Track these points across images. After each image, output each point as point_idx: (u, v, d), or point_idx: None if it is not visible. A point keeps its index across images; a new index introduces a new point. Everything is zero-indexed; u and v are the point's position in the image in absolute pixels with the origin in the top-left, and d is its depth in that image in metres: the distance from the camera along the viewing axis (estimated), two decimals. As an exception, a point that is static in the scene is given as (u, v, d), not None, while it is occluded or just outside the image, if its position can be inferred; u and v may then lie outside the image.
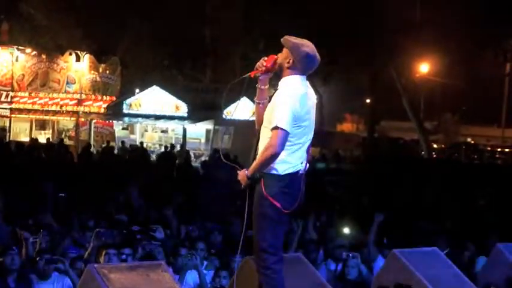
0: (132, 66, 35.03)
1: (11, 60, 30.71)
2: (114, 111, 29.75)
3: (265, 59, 5.00)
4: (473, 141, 46.69)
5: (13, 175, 14.43)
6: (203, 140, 30.59)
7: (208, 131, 30.07)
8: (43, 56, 30.66)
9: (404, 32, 28.49)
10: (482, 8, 26.69)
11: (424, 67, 35.28)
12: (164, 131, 31.28)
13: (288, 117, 4.74)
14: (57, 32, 34.00)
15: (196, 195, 13.25)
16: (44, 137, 29.50)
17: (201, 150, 29.91)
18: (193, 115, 28.78)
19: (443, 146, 43.84)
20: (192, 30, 33.35)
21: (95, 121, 30.51)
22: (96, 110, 30.10)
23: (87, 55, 30.08)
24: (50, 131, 31.17)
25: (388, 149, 35.42)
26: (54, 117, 30.76)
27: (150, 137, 31.30)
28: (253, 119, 5.16)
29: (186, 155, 24.66)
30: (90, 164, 20.72)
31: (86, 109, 30.00)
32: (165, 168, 20.86)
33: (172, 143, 28.27)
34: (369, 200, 14.18)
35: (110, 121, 30.75)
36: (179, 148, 27.53)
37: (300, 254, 6.33)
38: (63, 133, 30.85)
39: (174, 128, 30.56)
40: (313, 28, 25.04)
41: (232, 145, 27.20)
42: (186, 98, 29.36)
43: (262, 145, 4.87)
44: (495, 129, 49.67)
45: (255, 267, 5.06)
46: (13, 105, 30.74)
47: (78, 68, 29.92)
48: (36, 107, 30.41)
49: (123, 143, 28.12)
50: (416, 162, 26.74)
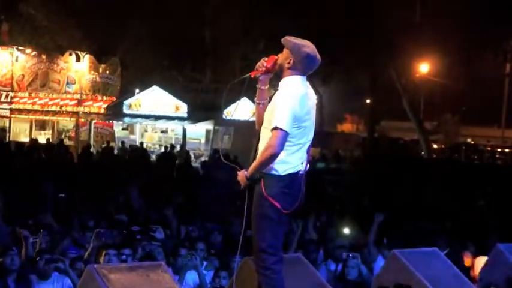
0: (132, 67, 35.03)
1: (11, 60, 30.71)
2: (114, 112, 29.75)
3: (266, 59, 4.99)
4: (473, 142, 46.70)
5: (13, 175, 14.43)
6: (203, 141, 30.57)
7: (208, 131, 30.05)
8: (43, 57, 30.66)
9: (404, 33, 28.47)
10: (482, 9, 26.68)
11: (424, 67, 35.23)
12: (164, 131, 31.26)
13: (288, 118, 4.73)
14: (57, 33, 34.02)
15: (196, 196, 13.25)
16: (44, 137, 29.48)
17: (201, 150, 29.89)
18: (193, 115, 28.77)
19: (443, 146, 43.86)
20: (192, 31, 33.34)
21: (94, 121, 30.51)
22: (96, 110, 30.11)
23: (87, 55, 30.08)
24: (50, 132, 31.17)
25: (388, 149, 35.40)
26: (54, 118, 30.76)
27: (150, 137, 31.29)
28: (253, 119, 5.16)
29: (186, 155, 24.64)
30: (90, 165, 20.71)
31: (85, 109, 30.01)
32: (165, 168, 20.86)
33: (172, 143, 28.24)
34: (368, 200, 14.18)
35: (110, 121, 30.75)
36: (179, 148, 27.52)
37: (300, 255, 6.33)
38: (63, 133, 30.84)
39: (174, 128, 30.54)
40: (313, 28, 25.05)
41: (232, 145, 27.18)
42: (186, 98, 29.35)
43: (262, 145, 4.86)
44: (495, 129, 49.68)
45: (255, 268, 5.05)
46: (13, 106, 30.75)
47: (78, 69, 29.92)
48: (36, 108, 30.42)
49: (123, 143, 28.11)
50: (416, 163, 26.72)
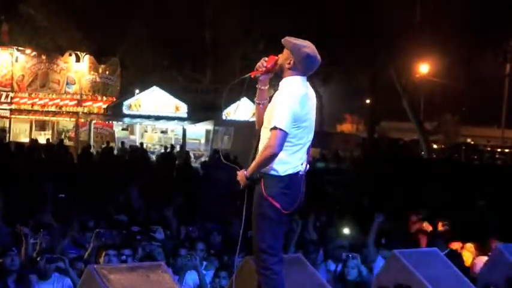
0: (131, 67, 35.01)
1: (11, 60, 30.67)
2: (114, 112, 29.73)
3: (266, 59, 4.98)
4: (473, 142, 46.67)
5: (13, 176, 14.42)
6: (203, 141, 30.55)
7: (208, 132, 30.03)
8: (43, 57, 30.62)
9: (404, 33, 28.47)
10: (482, 9, 26.67)
11: (424, 67, 35.24)
12: (164, 132, 31.24)
13: (287, 118, 4.73)
14: (57, 33, 34.00)
15: (196, 196, 13.24)
16: (44, 137, 29.44)
17: (201, 150, 29.87)
18: (193, 116, 28.76)
19: (443, 146, 43.85)
20: (192, 31, 33.33)
21: (94, 122, 30.49)
22: (96, 110, 30.09)
23: (87, 56, 30.05)
24: (50, 132, 31.13)
25: (388, 149, 35.39)
26: (54, 118, 30.73)
27: (150, 137, 31.26)
28: (253, 119, 5.15)
29: (185, 155, 24.63)
30: (90, 165, 20.69)
31: (85, 110, 29.99)
32: (165, 168, 20.86)
33: (172, 143, 28.23)
34: (368, 200, 14.17)
35: (110, 122, 30.73)
36: (179, 149, 27.51)
37: (300, 255, 6.33)
38: (63, 134, 30.80)
39: (174, 129, 30.52)
40: (313, 28, 25.07)
41: (232, 146, 27.20)
42: (186, 99, 29.33)
43: (262, 145, 4.86)
44: (495, 129, 49.69)
45: (255, 268, 5.05)
46: (13, 106, 30.71)
47: (78, 69, 29.90)
48: (36, 108, 30.40)
49: (123, 143, 28.09)
50: (416, 163, 26.72)
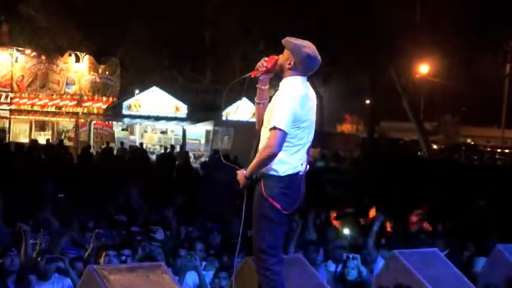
0: (131, 67, 35.02)
1: (11, 61, 30.66)
2: (114, 112, 29.73)
3: (266, 59, 4.98)
4: (473, 142, 46.67)
5: (13, 176, 14.41)
6: (203, 141, 30.57)
7: (208, 132, 30.05)
8: (42, 57, 30.60)
9: (404, 33, 28.49)
10: (482, 9, 26.68)
11: (424, 68, 35.27)
12: (164, 132, 31.26)
13: (287, 118, 4.73)
14: (56, 34, 34.00)
15: (196, 196, 13.23)
16: (44, 138, 29.42)
17: (201, 151, 29.88)
18: (193, 116, 28.77)
19: (442, 146, 43.84)
20: (192, 31, 33.34)
21: (94, 122, 30.49)
22: (95, 111, 30.08)
23: (87, 56, 30.04)
24: (50, 132, 31.12)
25: (388, 149, 35.38)
26: (53, 118, 30.72)
27: (150, 138, 31.28)
28: (253, 120, 5.15)
29: (185, 156, 24.63)
30: (89, 165, 20.67)
31: (85, 110, 29.99)
32: (164, 169, 20.85)
33: (172, 144, 28.23)
34: (368, 200, 14.16)
35: (110, 122, 30.73)
36: (179, 149, 27.51)
37: (300, 255, 6.32)
38: (63, 134, 30.78)
39: (174, 129, 30.53)
40: (313, 28, 25.07)
41: (232, 146, 27.20)
42: (186, 99, 29.35)
43: (262, 145, 4.86)
44: (495, 130, 49.72)
45: (255, 268, 5.05)
46: (13, 107, 30.69)
47: (78, 69, 29.89)
48: (35, 108, 30.39)
49: (123, 143, 28.09)
50: (416, 163, 26.71)
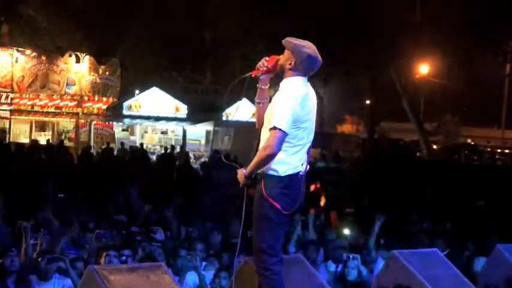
0: (131, 68, 35.01)
1: (11, 61, 30.64)
2: (114, 113, 29.71)
3: (267, 59, 4.97)
4: (473, 142, 46.65)
5: (13, 176, 14.41)
6: (203, 142, 30.56)
7: (208, 132, 30.05)
8: (43, 58, 30.58)
9: (404, 33, 28.49)
10: (482, 9, 26.68)
11: (424, 68, 35.25)
12: (164, 133, 31.25)
13: (287, 118, 4.73)
14: (57, 34, 33.99)
15: (196, 196, 13.23)
16: (44, 138, 29.42)
17: (201, 151, 29.87)
18: (193, 116, 28.76)
19: (440, 147, 43.81)
20: (192, 31, 33.34)
21: (94, 122, 30.47)
22: (96, 111, 30.07)
23: (87, 56, 30.02)
24: (50, 133, 31.10)
25: (388, 150, 35.38)
26: (54, 119, 30.70)
27: (150, 138, 31.27)
28: (253, 120, 5.15)
29: (185, 156, 24.64)
30: (90, 166, 20.68)
31: (86, 110, 29.98)
32: (165, 169, 20.85)
33: (172, 144, 28.23)
34: (368, 200, 14.17)
35: (110, 122, 30.72)
36: (179, 149, 27.51)
37: (300, 255, 6.33)
38: (63, 134, 30.76)
39: (174, 130, 30.53)
40: (313, 28, 25.07)
41: (232, 146, 27.21)
42: (186, 99, 29.33)
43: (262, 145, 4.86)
44: (495, 130, 49.72)
45: (255, 268, 5.05)
46: (13, 107, 30.68)
47: (78, 70, 29.87)
48: (36, 109, 30.38)
49: (123, 144, 28.08)
50: (416, 163, 26.72)
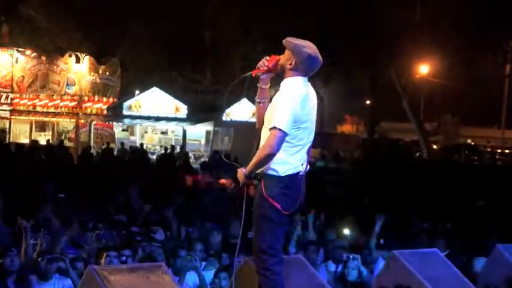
0: (131, 68, 35.01)
1: (11, 61, 30.65)
2: (114, 113, 29.71)
3: (268, 58, 4.97)
4: (473, 143, 46.66)
5: (13, 176, 14.41)
6: (203, 142, 30.55)
7: (208, 133, 30.05)
8: (43, 58, 30.59)
9: (404, 33, 28.50)
10: (482, 9, 26.69)
11: (424, 68, 35.26)
12: (164, 133, 31.25)
13: (287, 119, 4.73)
14: (57, 34, 34.00)
15: (196, 196, 13.23)
16: (44, 138, 29.43)
17: (201, 151, 29.88)
18: (193, 116, 28.76)
19: (441, 147, 43.82)
20: (192, 31, 33.34)
21: (94, 123, 30.47)
22: (96, 111, 30.08)
23: (87, 57, 30.02)
24: (50, 133, 31.10)
25: (388, 150, 35.38)
26: (54, 119, 30.70)
27: (150, 138, 31.27)
28: (253, 120, 5.15)
29: (184, 156, 24.65)
30: (90, 166, 20.68)
31: (86, 111, 29.99)
32: (165, 169, 20.85)
33: (173, 144, 28.24)
34: (368, 201, 14.16)
35: (110, 123, 30.72)
36: (179, 149, 27.51)
37: (300, 255, 6.33)
38: (63, 135, 30.76)
39: (174, 130, 30.53)
40: (313, 28, 25.08)
41: (232, 146, 27.22)
42: (186, 100, 29.33)
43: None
44: (495, 130, 49.73)
45: (255, 268, 5.05)
46: (13, 107, 30.70)
47: (78, 70, 29.88)
48: (36, 109, 30.39)
49: (123, 144, 28.09)
50: (417, 163, 26.72)
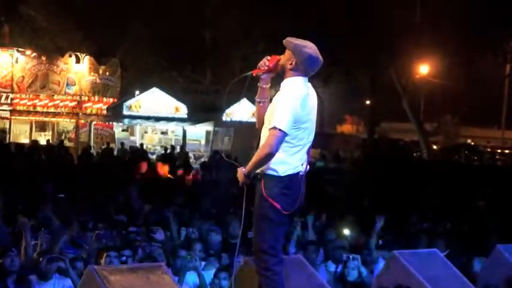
0: (131, 68, 35.01)
1: (11, 62, 30.64)
2: (114, 113, 29.71)
3: (268, 58, 4.98)
4: (473, 143, 46.65)
5: (13, 176, 14.41)
6: (203, 142, 30.54)
7: (208, 133, 30.04)
8: (43, 58, 30.59)
9: (404, 33, 28.50)
10: (482, 9, 26.69)
11: (424, 68, 35.23)
12: (164, 133, 31.24)
13: (288, 119, 4.73)
14: (57, 34, 34.00)
15: (196, 196, 13.23)
16: (44, 138, 29.44)
17: (201, 151, 29.87)
18: (193, 117, 28.75)
19: (441, 147, 43.82)
20: (192, 31, 33.34)
21: (94, 123, 30.48)
22: (96, 111, 30.08)
23: (87, 57, 30.03)
24: (50, 133, 31.09)
25: (388, 150, 35.38)
26: (54, 119, 30.70)
27: (150, 138, 31.26)
28: (253, 120, 5.15)
29: (184, 156, 24.64)
30: (90, 166, 20.69)
31: (86, 111, 29.99)
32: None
33: (173, 144, 28.24)
34: (369, 201, 14.16)
35: (110, 123, 30.71)
36: (179, 150, 27.51)
37: (300, 256, 6.33)
38: (63, 135, 30.77)
39: (174, 130, 30.53)
40: (313, 28, 25.07)
41: (232, 146, 27.22)
42: (186, 100, 29.32)
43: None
44: (495, 130, 49.72)
45: (255, 269, 5.05)
46: (13, 107, 30.70)
47: (78, 70, 29.88)
48: (36, 109, 30.39)
49: (123, 144, 28.08)
50: (417, 163, 26.71)
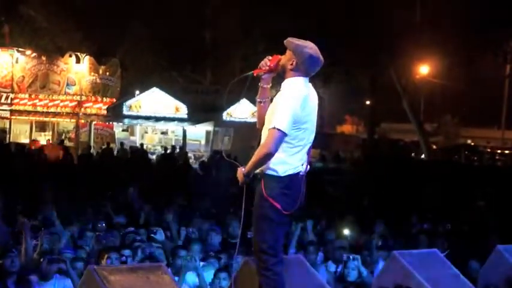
0: (132, 68, 35.01)
1: (11, 62, 30.63)
2: (114, 113, 29.70)
3: (270, 58, 4.99)
4: (473, 143, 46.66)
5: (13, 176, 14.41)
6: (203, 142, 30.56)
7: (208, 133, 30.06)
8: (43, 58, 30.58)
9: (404, 33, 28.49)
10: (482, 9, 26.69)
11: (424, 69, 35.25)
12: (164, 133, 31.25)
13: (288, 119, 4.73)
14: (57, 34, 34.00)
15: (196, 196, 13.23)
16: (44, 138, 29.45)
17: (201, 151, 29.89)
18: (193, 117, 28.76)
19: (441, 147, 43.82)
20: (192, 31, 33.34)
21: (95, 123, 30.47)
22: (96, 111, 30.07)
23: (87, 57, 30.02)
24: (50, 133, 31.08)
25: (388, 150, 35.39)
26: (54, 119, 30.69)
27: (150, 138, 31.27)
28: (253, 120, 5.16)
29: (184, 156, 24.65)
30: (90, 166, 20.69)
31: (86, 111, 29.99)
32: (165, 169, 20.86)
33: (173, 144, 28.25)
34: (368, 201, 14.17)
35: (110, 123, 30.72)
36: (179, 150, 27.51)
37: (300, 256, 6.33)
38: (63, 135, 30.77)
39: (174, 130, 30.54)
40: (313, 28, 25.07)
41: (232, 146, 27.21)
42: (186, 100, 29.33)
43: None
44: (495, 131, 49.72)
45: (255, 269, 5.05)
46: (13, 107, 30.68)
47: (78, 70, 29.87)
48: (36, 109, 30.39)
49: (123, 144, 28.08)
50: (417, 164, 26.72)
